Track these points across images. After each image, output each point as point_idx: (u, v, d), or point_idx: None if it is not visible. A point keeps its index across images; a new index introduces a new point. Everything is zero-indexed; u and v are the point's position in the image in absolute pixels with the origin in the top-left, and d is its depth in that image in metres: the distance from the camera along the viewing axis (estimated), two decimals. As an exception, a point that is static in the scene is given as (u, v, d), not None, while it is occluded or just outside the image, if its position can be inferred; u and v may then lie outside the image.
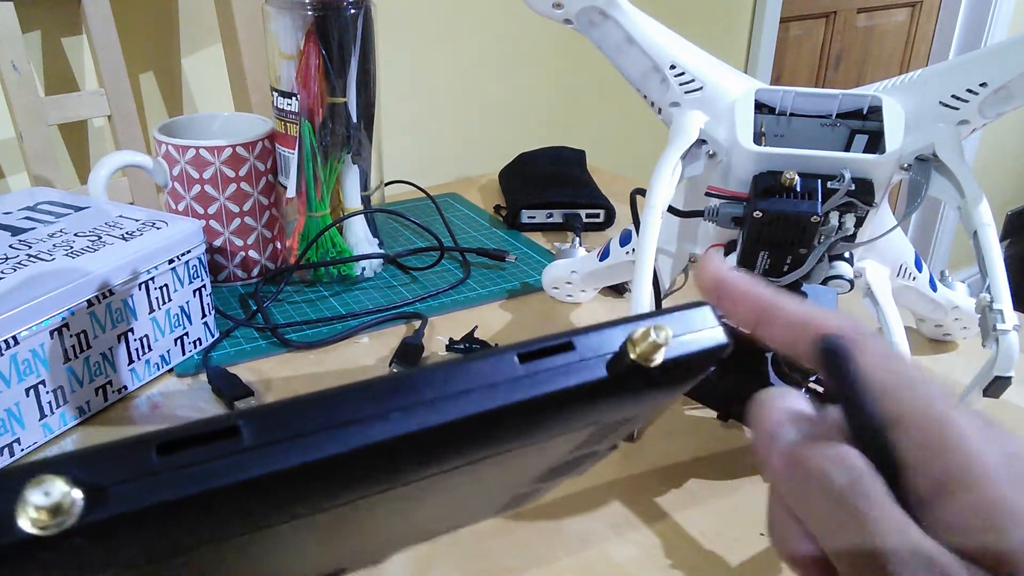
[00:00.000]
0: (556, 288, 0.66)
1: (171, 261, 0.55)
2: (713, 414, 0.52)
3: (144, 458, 0.17)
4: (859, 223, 0.44)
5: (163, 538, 0.18)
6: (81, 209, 0.58)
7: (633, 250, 0.57)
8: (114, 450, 0.17)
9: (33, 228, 0.55)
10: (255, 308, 0.64)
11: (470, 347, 0.58)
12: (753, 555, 0.42)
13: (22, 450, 0.48)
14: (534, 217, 0.81)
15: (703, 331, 0.23)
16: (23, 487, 0.16)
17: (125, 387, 0.54)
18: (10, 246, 0.52)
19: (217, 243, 0.67)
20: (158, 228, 0.56)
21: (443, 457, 0.20)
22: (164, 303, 0.55)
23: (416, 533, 0.31)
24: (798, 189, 0.42)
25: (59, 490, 0.16)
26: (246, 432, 0.18)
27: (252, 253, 0.69)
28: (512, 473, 0.26)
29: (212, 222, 0.66)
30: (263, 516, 0.19)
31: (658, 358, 0.21)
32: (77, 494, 0.16)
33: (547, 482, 0.31)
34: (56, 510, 0.16)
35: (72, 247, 0.52)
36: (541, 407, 0.20)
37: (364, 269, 0.70)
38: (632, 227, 0.54)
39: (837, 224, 0.43)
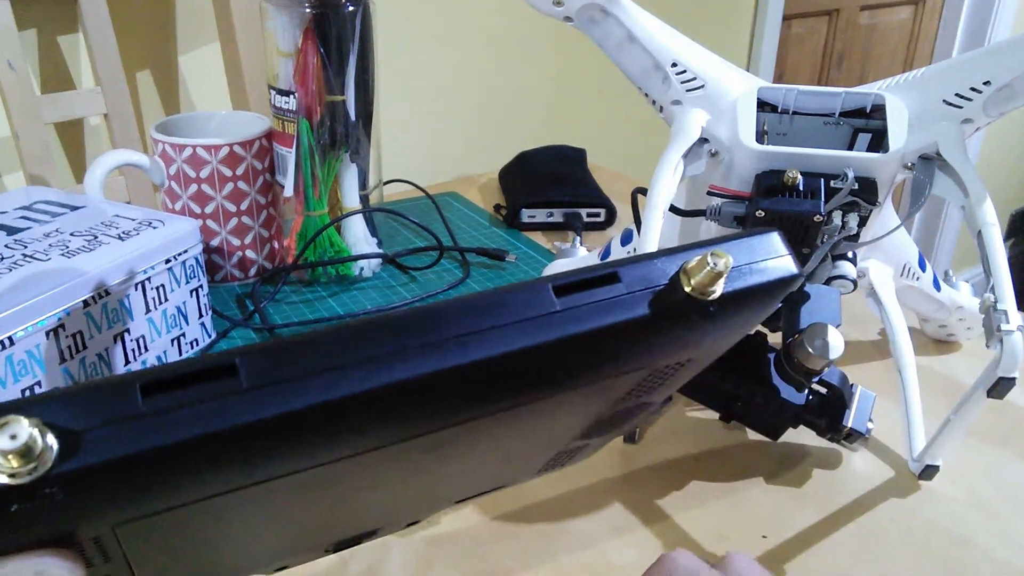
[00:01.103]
0: (556, 288, 0.66)
1: (168, 261, 0.55)
2: (715, 415, 0.51)
3: (128, 400, 0.15)
4: (862, 222, 0.43)
5: (149, 492, 0.16)
6: (77, 208, 0.58)
7: (634, 249, 0.56)
8: (94, 390, 0.15)
9: (29, 228, 0.55)
10: (252, 308, 0.63)
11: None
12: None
13: (17, 452, 0.48)
14: (534, 216, 0.81)
15: (769, 260, 0.20)
16: None
17: (121, 388, 0.53)
18: (5, 246, 0.52)
19: (214, 243, 0.67)
20: (154, 228, 0.55)
21: (469, 403, 0.18)
22: (160, 303, 0.55)
23: (452, 490, 0.28)
24: (801, 188, 0.42)
25: (27, 432, 0.14)
26: (245, 371, 0.16)
27: (249, 253, 0.68)
28: (553, 425, 0.23)
29: (209, 221, 0.66)
30: (264, 467, 0.17)
31: (717, 290, 0.19)
32: (51, 439, 0.14)
33: (594, 438, 0.27)
34: (26, 454, 0.14)
35: (68, 247, 0.52)
36: (580, 347, 0.18)
37: (362, 269, 0.69)
38: (633, 226, 0.54)
39: (840, 223, 0.42)
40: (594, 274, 0.18)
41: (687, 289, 0.18)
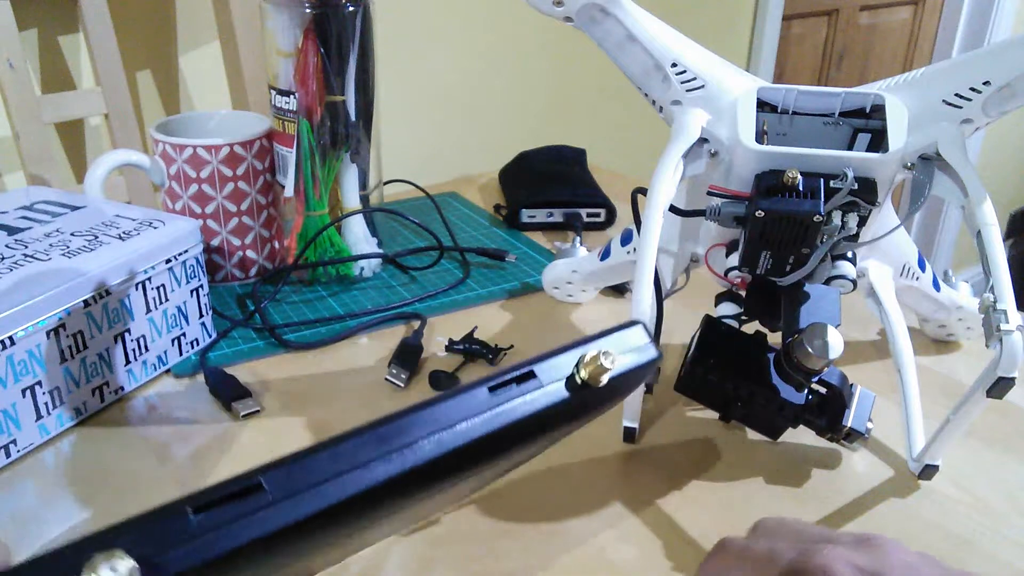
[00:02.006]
0: (556, 288, 0.66)
1: (168, 261, 0.55)
2: (714, 415, 0.51)
3: (183, 522, 0.20)
4: (862, 222, 0.43)
5: None
6: (77, 208, 0.58)
7: (634, 250, 0.56)
8: (155, 518, 0.20)
9: (29, 227, 0.55)
10: (253, 308, 0.63)
11: (469, 348, 0.58)
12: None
13: (18, 451, 0.48)
14: (534, 216, 0.81)
15: (638, 349, 0.26)
16: (89, 562, 0.18)
17: (122, 388, 0.53)
18: (6, 246, 0.52)
19: (215, 243, 0.67)
20: (155, 228, 0.55)
21: (432, 485, 0.23)
22: (161, 303, 0.55)
23: (367, 542, 0.35)
24: (800, 188, 0.42)
25: (124, 565, 0.18)
26: (269, 487, 0.21)
27: (250, 253, 0.68)
28: (466, 485, 0.29)
29: (209, 221, 0.66)
30: (286, 555, 0.22)
31: (604, 379, 0.24)
32: (135, 567, 0.18)
33: (480, 487, 0.34)
34: None
35: (68, 247, 0.52)
36: (512, 431, 0.23)
37: (363, 269, 0.69)
38: (633, 226, 0.54)
39: (840, 223, 0.42)
40: (516, 373, 0.24)
41: (583, 379, 0.24)
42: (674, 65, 0.47)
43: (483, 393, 0.23)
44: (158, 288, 0.54)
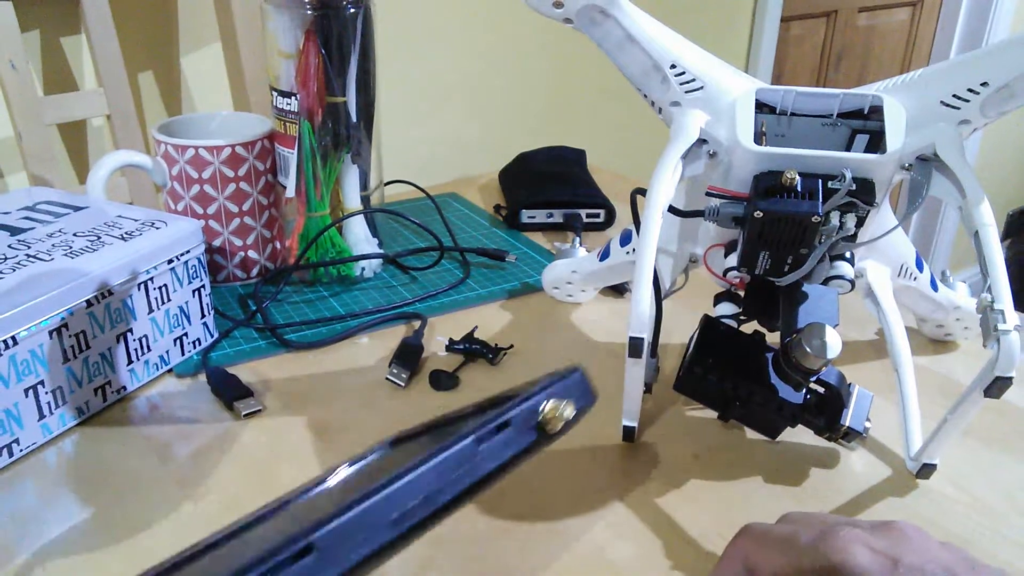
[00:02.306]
0: (556, 288, 0.66)
1: (170, 261, 0.55)
2: (713, 414, 0.52)
3: None
4: (860, 223, 0.44)
5: None
6: (80, 209, 0.58)
7: (633, 250, 0.56)
8: None
9: (32, 228, 0.55)
10: (254, 308, 0.64)
11: (470, 347, 0.58)
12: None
13: (21, 451, 0.48)
14: (534, 217, 0.81)
15: (581, 395, 0.30)
16: None
17: (124, 387, 0.54)
18: (9, 246, 0.52)
19: (216, 243, 0.67)
20: (157, 228, 0.55)
21: (425, 530, 0.27)
22: (163, 303, 0.55)
23: None
24: (799, 189, 0.42)
25: None
26: (318, 551, 0.24)
27: (251, 253, 0.68)
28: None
29: (211, 222, 0.66)
30: None
31: (560, 425, 0.28)
32: None
33: None
34: None
35: (71, 247, 0.52)
36: (492, 475, 0.28)
37: (364, 269, 0.70)
38: (632, 227, 0.54)
39: (838, 224, 0.43)
40: (497, 422, 0.28)
41: (545, 426, 0.28)
42: (673, 66, 0.47)
43: (471, 447, 0.28)
44: (160, 288, 0.55)
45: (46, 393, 0.49)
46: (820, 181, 0.42)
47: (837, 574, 0.29)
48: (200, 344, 0.59)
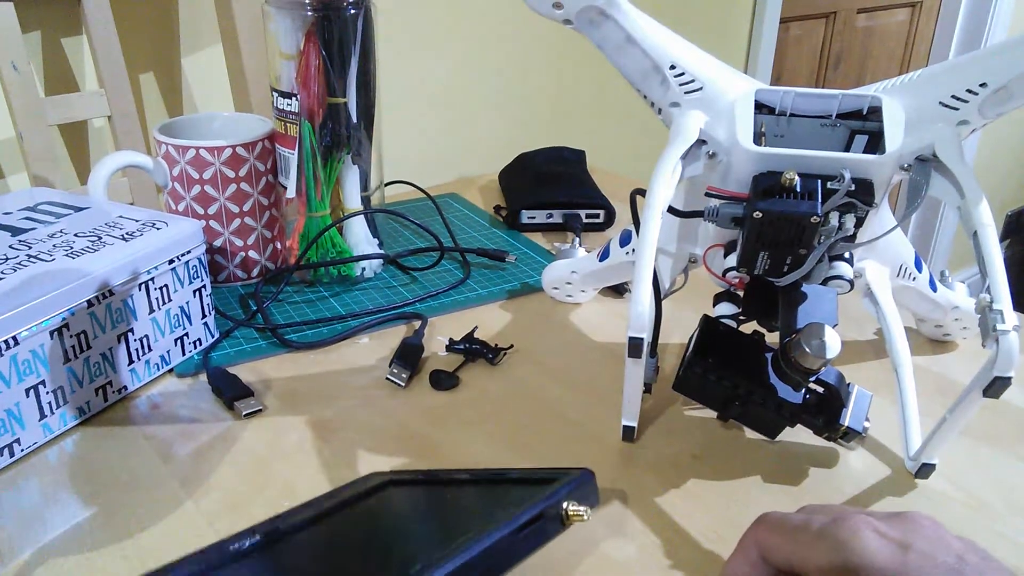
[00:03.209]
0: (556, 288, 0.66)
1: (171, 261, 0.55)
2: (713, 414, 0.52)
3: None
4: (859, 223, 0.44)
5: None
6: (81, 209, 0.58)
7: (633, 250, 0.57)
8: None
9: (33, 228, 0.55)
10: (255, 308, 0.64)
11: (470, 347, 0.58)
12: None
13: (22, 450, 0.48)
14: (534, 217, 0.81)
15: (592, 496, 0.38)
16: None
17: (125, 387, 0.54)
18: (10, 246, 0.52)
19: (217, 243, 0.67)
20: (158, 228, 0.56)
21: None
22: (164, 303, 0.55)
23: None
24: (798, 189, 0.42)
25: None
26: None
27: (252, 253, 0.69)
28: None
29: (212, 222, 0.66)
30: None
31: (577, 521, 0.35)
32: None
33: None
34: None
35: (72, 247, 0.52)
36: (525, 555, 0.33)
37: (364, 269, 0.70)
38: (632, 227, 0.54)
39: (837, 224, 0.43)
40: (533, 513, 0.34)
41: (564, 521, 0.35)
42: (672, 67, 0.47)
43: (514, 534, 0.33)
44: (161, 288, 0.55)
45: (47, 393, 0.49)
46: (819, 182, 0.43)
47: (847, 559, 0.29)
48: (201, 344, 0.59)
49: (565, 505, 0.35)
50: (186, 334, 0.58)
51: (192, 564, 0.33)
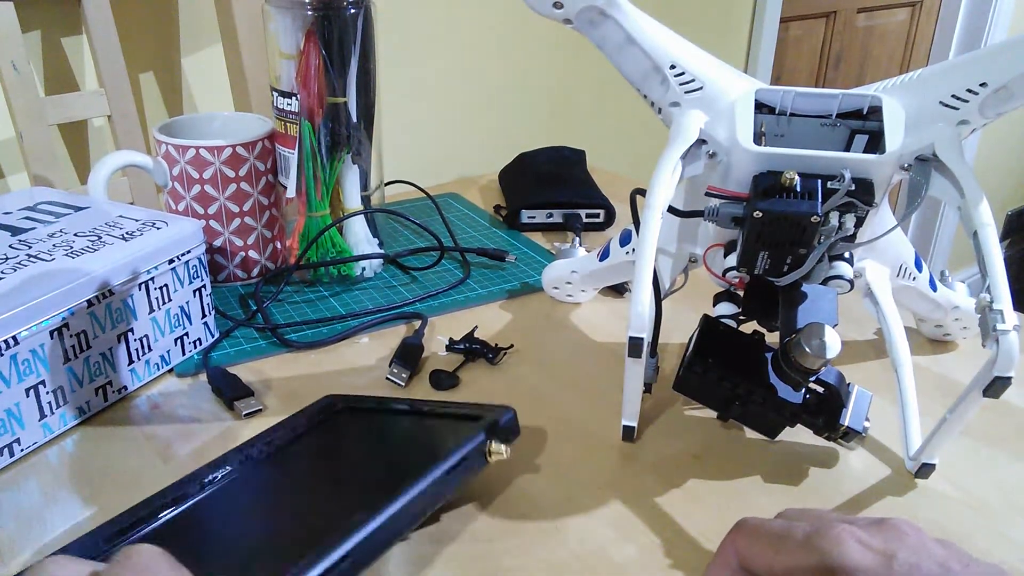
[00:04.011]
0: (556, 288, 0.66)
1: (171, 261, 0.55)
2: (713, 414, 0.52)
3: None
4: (859, 223, 0.44)
5: None
6: (81, 209, 0.58)
7: (633, 250, 0.57)
8: None
9: (33, 228, 0.55)
10: (255, 308, 0.64)
11: (470, 347, 0.58)
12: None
13: (22, 450, 0.48)
14: (534, 217, 0.81)
15: (514, 432, 0.44)
16: None
17: (125, 387, 0.54)
18: (10, 246, 0.52)
19: (217, 243, 0.67)
20: (158, 228, 0.56)
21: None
22: (164, 303, 0.55)
23: None
24: (798, 189, 0.42)
25: None
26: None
27: (252, 253, 0.69)
28: None
29: (212, 222, 0.66)
30: None
31: (497, 458, 0.42)
32: None
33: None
34: None
35: (72, 247, 0.52)
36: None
37: (364, 269, 0.70)
38: (632, 227, 0.54)
39: (837, 224, 0.43)
40: (459, 457, 0.40)
41: (487, 456, 0.42)
42: (672, 67, 0.47)
43: (445, 475, 0.39)
44: (161, 288, 0.55)
45: (47, 393, 0.49)
46: (819, 181, 0.43)
47: (831, 570, 0.29)
48: (201, 344, 0.59)
49: (488, 443, 0.42)
50: (186, 334, 0.58)
51: (171, 492, 0.42)
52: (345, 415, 0.50)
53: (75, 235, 0.54)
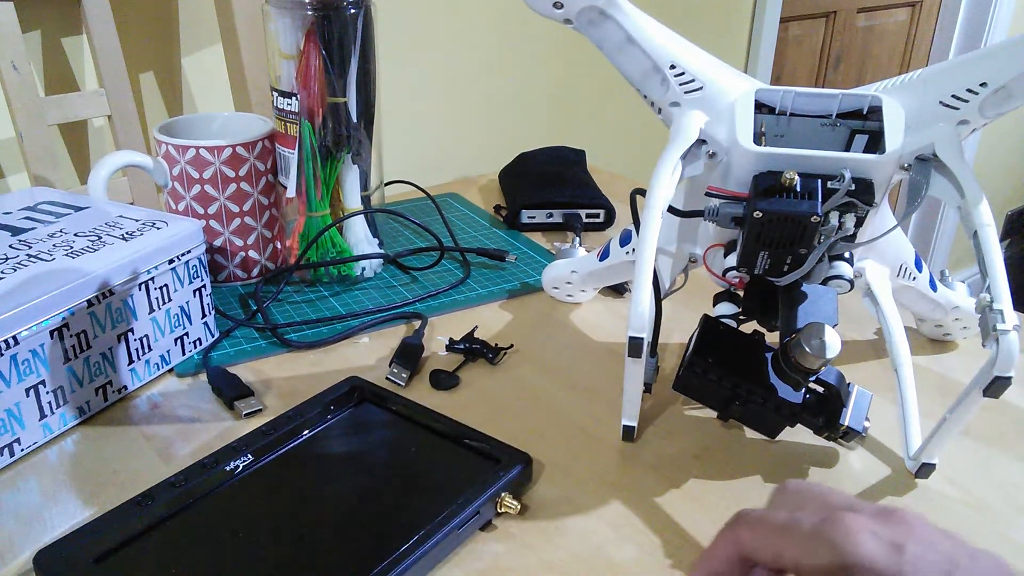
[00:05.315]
0: (556, 288, 0.66)
1: (171, 261, 0.55)
2: (713, 414, 0.52)
3: None
4: (859, 223, 0.44)
5: None
6: (81, 209, 0.58)
7: (633, 250, 0.57)
8: None
9: (33, 228, 0.55)
10: (255, 308, 0.64)
11: (470, 347, 0.58)
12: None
13: (22, 450, 0.48)
14: (534, 217, 0.81)
15: (526, 481, 0.46)
16: None
17: (125, 387, 0.54)
18: (10, 246, 0.52)
19: (217, 243, 0.67)
20: (158, 228, 0.56)
21: None
22: (164, 303, 0.55)
23: None
24: (798, 189, 0.42)
25: None
26: None
27: (252, 253, 0.69)
28: None
29: (212, 222, 0.66)
30: None
31: (509, 510, 0.43)
32: None
33: None
34: None
35: (72, 247, 0.52)
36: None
37: (364, 269, 0.70)
38: (632, 227, 0.54)
39: (837, 224, 0.43)
40: (472, 508, 0.42)
41: (498, 508, 0.43)
42: (672, 67, 0.47)
43: (455, 530, 0.41)
44: (161, 288, 0.55)
45: (47, 393, 0.49)
46: (819, 181, 0.43)
47: (843, 560, 0.29)
48: (201, 344, 0.59)
49: (501, 498, 0.43)
50: (186, 334, 0.58)
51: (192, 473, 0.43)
52: (367, 408, 0.51)
53: (75, 235, 0.54)
